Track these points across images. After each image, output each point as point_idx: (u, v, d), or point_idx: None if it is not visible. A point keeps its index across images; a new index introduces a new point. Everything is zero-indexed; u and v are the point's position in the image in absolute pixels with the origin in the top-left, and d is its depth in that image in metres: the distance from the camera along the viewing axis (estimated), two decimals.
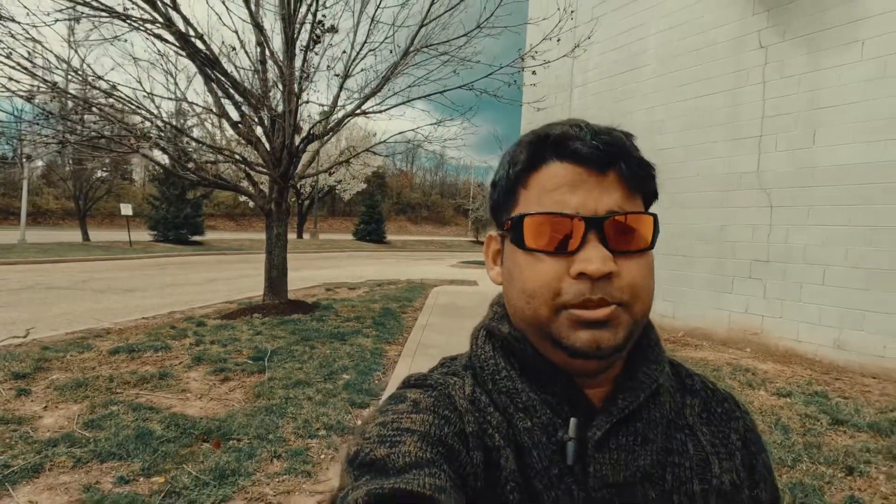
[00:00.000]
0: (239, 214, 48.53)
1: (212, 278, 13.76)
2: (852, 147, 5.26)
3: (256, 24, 6.62)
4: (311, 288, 11.03)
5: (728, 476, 0.56)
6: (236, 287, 11.81)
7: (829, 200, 5.44)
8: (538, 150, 0.53)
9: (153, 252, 20.18)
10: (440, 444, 0.47)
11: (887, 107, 5.01)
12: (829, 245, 5.43)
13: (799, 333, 5.64)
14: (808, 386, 4.52)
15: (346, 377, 4.69)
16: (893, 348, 4.90)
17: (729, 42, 6.45)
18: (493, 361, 0.56)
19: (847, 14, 5.34)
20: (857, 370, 5.07)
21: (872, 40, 5.15)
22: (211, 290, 11.45)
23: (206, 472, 3.01)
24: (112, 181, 25.82)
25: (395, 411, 0.51)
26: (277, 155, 6.57)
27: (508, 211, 0.55)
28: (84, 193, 23.69)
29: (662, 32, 7.26)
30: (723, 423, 0.61)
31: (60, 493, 2.81)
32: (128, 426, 3.51)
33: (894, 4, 4.99)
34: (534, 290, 0.51)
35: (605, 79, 8.12)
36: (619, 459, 0.51)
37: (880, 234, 5.04)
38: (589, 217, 0.49)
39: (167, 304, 8.82)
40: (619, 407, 0.52)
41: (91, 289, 11.09)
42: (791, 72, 5.80)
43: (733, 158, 6.28)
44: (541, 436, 0.51)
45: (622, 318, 0.49)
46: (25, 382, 4.25)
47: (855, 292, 5.22)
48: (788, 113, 5.80)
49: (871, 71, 5.15)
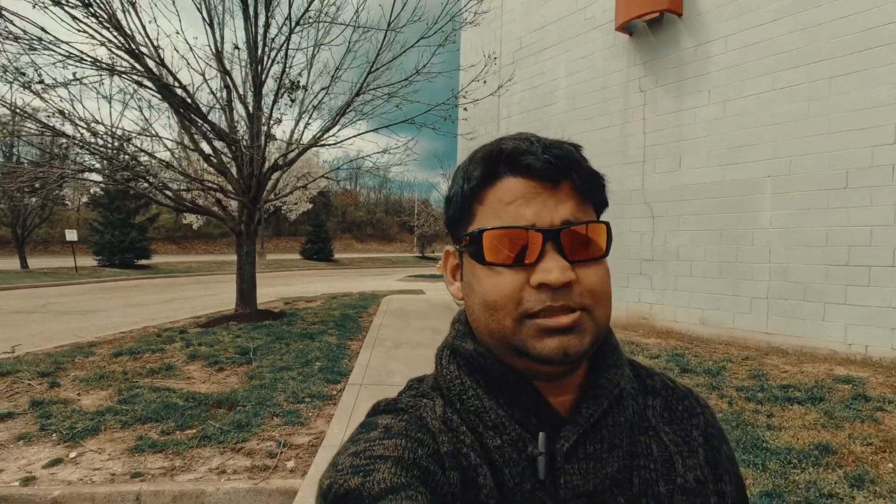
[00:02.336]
0: (181, 237, 47.69)
1: (170, 299, 14.29)
2: (706, 170, 6.89)
3: (225, 72, 7.67)
4: (270, 302, 11.87)
5: (692, 473, 0.58)
6: (197, 305, 12.46)
7: (692, 211, 7.04)
8: (491, 165, 0.53)
9: (101, 276, 20.23)
10: (415, 466, 0.47)
11: (727, 140, 6.66)
12: (694, 245, 7.02)
13: (676, 315, 7.19)
14: (673, 351, 6.01)
15: (319, 364, 5.79)
16: (738, 321, 6.49)
17: (619, 86, 8.05)
18: (459, 381, 0.56)
19: (698, 69, 7.01)
20: (715, 339, 6.64)
21: (716, 89, 6.82)
22: (173, 308, 12.08)
23: (226, 425, 4.07)
24: (52, 208, 25.37)
25: (366, 439, 0.50)
26: (247, 183, 7.61)
27: (465, 226, 0.56)
28: (22, 221, 23.32)
29: (570, 76, 8.82)
30: (684, 420, 0.63)
31: (119, 444, 3.81)
32: (154, 401, 4.50)
33: (727, 63, 6.66)
34: (496, 303, 0.51)
35: (526, 112, 9.62)
36: (588, 468, 0.52)
37: (726, 235, 6.66)
38: (545, 229, 0.50)
39: (134, 321, 9.47)
40: (585, 416, 0.53)
41: (54, 311, 11.51)
42: (663, 111, 7.43)
43: (625, 179, 7.85)
44: (511, 452, 0.52)
45: (587, 323, 0.51)
46: (52, 378, 5.12)
47: (713, 281, 6.81)
48: (662, 143, 7.41)
49: (715, 112, 6.81)
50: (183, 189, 7.90)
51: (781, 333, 6.10)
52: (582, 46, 8.57)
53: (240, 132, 8.00)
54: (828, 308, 5.73)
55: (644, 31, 7.57)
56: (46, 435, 3.90)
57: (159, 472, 3.44)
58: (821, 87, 5.80)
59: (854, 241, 5.53)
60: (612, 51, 8.09)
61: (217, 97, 7.87)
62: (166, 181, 7.50)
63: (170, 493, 3.23)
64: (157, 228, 47.50)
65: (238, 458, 3.65)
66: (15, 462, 3.52)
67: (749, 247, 6.41)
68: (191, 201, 7.81)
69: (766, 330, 6.23)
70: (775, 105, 6.17)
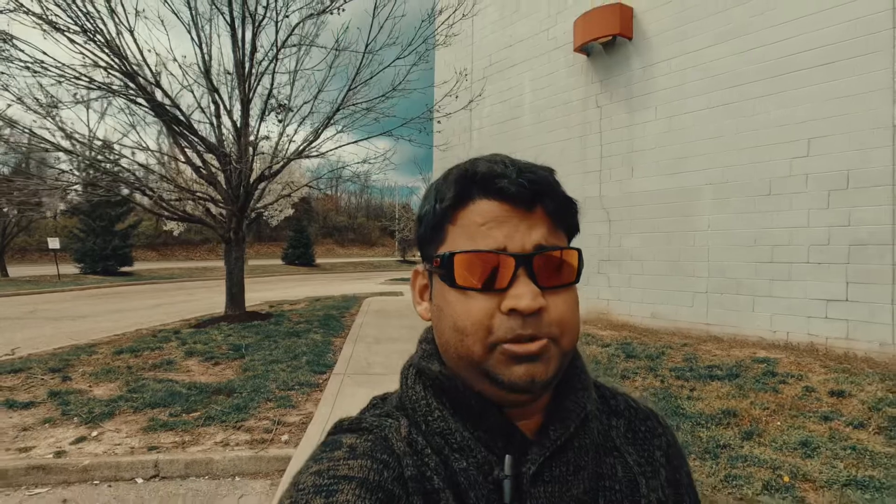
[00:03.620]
0: (161, 244, 47.53)
1: (156, 304, 14.68)
2: (654, 178, 7.65)
3: (213, 89, 8.23)
4: (256, 306, 12.36)
5: (655, 494, 0.59)
6: (184, 309, 12.89)
7: (643, 215, 7.80)
8: (465, 187, 0.53)
9: (84, 284, 20.43)
10: (379, 490, 0.46)
11: (672, 151, 7.43)
12: (645, 246, 7.78)
13: (630, 309, 7.94)
14: (623, 341, 6.73)
15: (306, 358, 6.38)
16: (683, 314, 7.26)
17: (579, 101, 8.80)
18: (425, 402, 0.56)
19: (646, 87, 7.78)
20: (663, 331, 7.39)
21: (662, 106, 7.59)
22: (161, 313, 12.50)
23: (226, 408, 4.66)
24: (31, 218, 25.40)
25: (330, 458, 0.50)
26: (236, 192, 8.18)
27: (436, 246, 0.56)
28: (1, 230, 23.39)
29: (535, 91, 9.56)
30: (647, 441, 0.63)
31: (133, 425, 4.38)
32: (159, 390, 5.06)
33: (670, 83, 7.44)
34: (465, 328, 0.51)
35: (496, 124, 10.34)
36: (554, 491, 0.52)
37: (672, 237, 7.43)
38: (518, 254, 0.50)
39: (124, 326, 9.90)
40: (552, 439, 0.53)
41: (43, 317, 11.86)
42: (617, 125, 8.19)
43: (584, 186, 8.59)
44: (477, 475, 0.51)
45: (553, 351, 0.51)
46: (63, 373, 5.64)
47: (661, 278, 7.57)
48: (616, 154, 8.17)
49: (662, 126, 7.58)
50: (175, 199, 8.43)
51: (719, 324, 6.87)
52: (546, 65, 9.31)
53: (227, 146, 8.56)
54: (756, 300, 6.51)
55: (600, 52, 8.34)
56: (68, 419, 4.46)
57: (172, 445, 4.03)
58: (749, 106, 6.59)
59: (777, 241, 6.32)
60: (573, 69, 8.85)
61: (206, 112, 8.43)
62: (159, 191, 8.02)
63: (183, 461, 3.83)
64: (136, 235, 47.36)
65: (239, 434, 4.25)
66: (45, 440, 4.07)
67: (691, 247, 7.19)
68: (182, 210, 8.35)
69: (707, 321, 7.00)
70: (711, 121, 6.96)
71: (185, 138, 8.01)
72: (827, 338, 5.89)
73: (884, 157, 5.48)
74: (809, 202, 6.05)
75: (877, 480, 3.01)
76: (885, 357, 5.39)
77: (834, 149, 5.85)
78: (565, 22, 8.83)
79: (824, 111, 5.92)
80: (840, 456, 3.35)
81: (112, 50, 6.87)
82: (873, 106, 5.55)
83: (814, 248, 6.00)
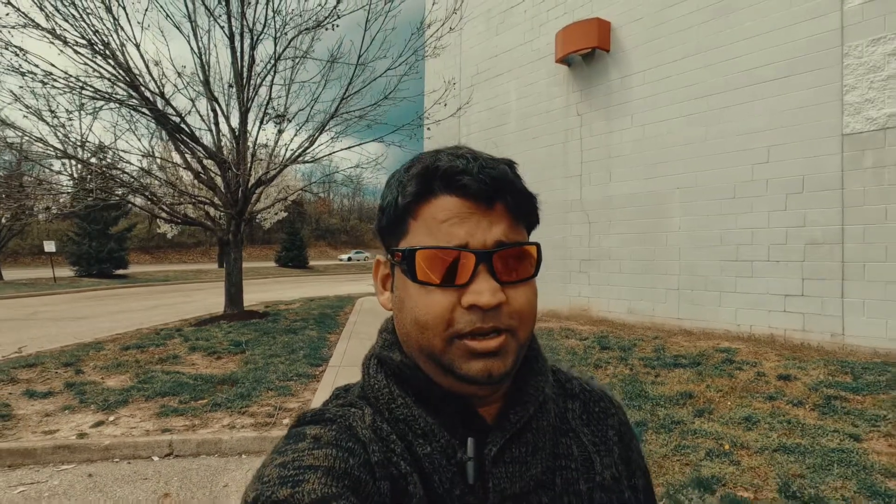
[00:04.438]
0: (154, 247, 47.67)
1: (154, 305, 15.01)
2: (630, 182, 8.14)
3: (212, 98, 8.64)
4: (251, 306, 12.72)
5: (609, 471, 0.62)
6: (182, 311, 13.22)
7: (620, 217, 8.29)
8: (427, 182, 0.54)
9: (80, 286, 20.70)
10: (346, 476, 0.47)
11: (646, 157, 7.92)
12: (623, 247, 8.26)
13: (609, 306, 8.42)
14: (600, 334, 7.20)
15: (303, 352, 6.80)
16: (657, 309, 7.74)
17: (560, 109, 9.28)
18: (388, 390, 0.57)
19: (623, 97, 8.27)
20: (638, 325, 7.87)
21: (637, 114, 8.08)
22: (159, 313, 12.84)
23: (231, 396, 5.08)
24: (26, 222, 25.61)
25: (294, 450, 0.50)
26: (235, 197, 8.59)
27: (398, 239, 0.56)
28: None
29: (519, 100, 10.04)
30: (601, 421, 0.67)
31: (146, 411, 4.79)
32: (168, 381, 5.47)
33: (645, 94, 7.94)
34: (426, 322, 0.52)
35: (483, 131, 10.80)
36: (515, 471, 0.54)
37: (647, 237, 7.91)
38: (478, 250, 0.51)
39: (125, 326, 10.22)
40: (512, 422, 0.56)
41: (45, 318, 12.18)
42: (596, 132, 8.67)
43: (566, 190, 9.06)
44: (441, 459, 0.53)
45: (511, 345, 0.53)
46: (75, 367, 6.03)
47: (638, 276, 8.05)
48: (596, 160, 8.65)
49: (637, 134, 8.07)
50: (176, 203, 8.83)
51: (689, 318, 7.36)
52: (529, 74, 9.79)
53: (225, 152, 8.97)
54: (723, 296, 7.00)
55: (580, 63, 8.82)
56: (86, 406, 4.86)
57: (183, 428, 4.44)
58: (715, 115, 7.09)
59: (741, 240, 6.81)
60: (555, 79, 9.33)
61: (206, 120, 8.84)
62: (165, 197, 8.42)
63: (194, 441, 4.25)
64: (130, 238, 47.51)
65: (244, 418, 4.67)
66: (67, 424, 4.48)
67: (664, 247, 7.67)
68: (184, 214, 8.75)
69: (678, 316, 7.49)
70: (682, 129, 7.45)
71: (186, 145, 8.41)
72: (785, 329, 6.38)
73: (834, 163, 5.99)
74: (769, 205, 6.55)
75: (802, 446, 3.48)
76: (835, 346, 5.89)
77: (790, 156, 6.35)
78: (547, 34, 9.32)
79: (781, 121, 6.42)
80: (776, 428, 3.82)
81: (117, 62, 7.27)
82: (824, 117, 6.05)
83: (773, 247, 6.50)
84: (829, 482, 3.05)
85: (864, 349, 5.67)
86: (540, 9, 9.60)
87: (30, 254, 38.76)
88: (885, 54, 5.62)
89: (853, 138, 5.85)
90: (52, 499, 3.48)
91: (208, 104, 8.80)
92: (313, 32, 8.03)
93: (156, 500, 3.47)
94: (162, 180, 8.26)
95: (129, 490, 3.61)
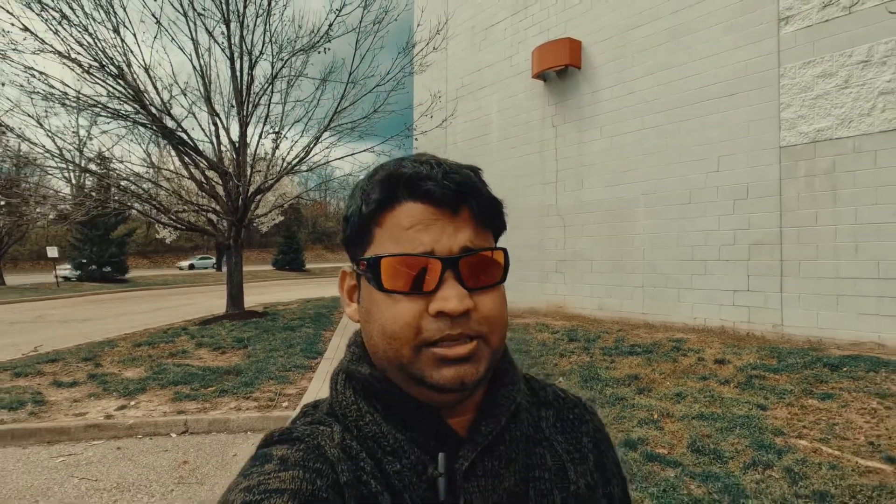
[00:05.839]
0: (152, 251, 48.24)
1: (156, 308, 15.63)
2: (600, 189, 8.85)
3: (213, 112, 9.31)
4: (251, 307, 13.39)
5: (584, 480, 0.61)
6: (184, 312, 13.83)
7: (592, 221, 8.99)
8: (391, 189, 0.53)
9: (82, 291, 21.30)
10: (313, 499, 0.46)
11: (614, 166, 8.63)
12: (594, 248, 8.97)
13: (582, 303, 9.12)
14: (570, 328, 7.90)
15: (300, 346, 7.48)
16: (625, 305, 8.45)
17: (538, 121, 9.98)
18: (356, 406, 0.56)
19: (593, 111, 8.98)
20: (608, 320, 8.57)
21: (605, 126, 8.79)
22: (162, 315, 13.47)
23: (236, 384, 5.75)
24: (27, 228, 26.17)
25: (260, 472, 0.49)
26: (235, 205, 9.26)
27: (363, 248, 0.56)
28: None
29: (500, 111, 10.74)
30: (574, 428, 0.66)
31: (162, 397, 5.45)
32: (179, 372, 6.14)
33: (612, 108, 8.65)
34: (394, 332, 0.52)
35: (467, 140, 11.51)
36: (487, 485, 0.53)
37: (615, 240, 8.62)
38: (444, 257, 0.51)
39: (130, 327, 10.79)
40: (483, 434, 0.55)
41: (53, 320, 12.81)
42: (569, 142, 9.38)
43: (543, 196, 9.77)
44: (411, 476, 0.52)
45: (483, 351, 0.52)
46: (94, 362, 6.69)
47: (607, 275, 8.75)
48: (569, 168, 9.36)
49: (606, 144, 8.78)
50: (181, 210, 9.51)
51: (653, 313, 8.06)
52: (509, 88, 10.50)
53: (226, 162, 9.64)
54: (681, 292, 7.71)
55: (554, 79, 9.53)
56: (108, 393, 5.53)
57: (196, 410, 5.12)
58: (674, 128, 7.81)
59: (696, 241, 7.52)
60: (532, 93, 10.04)
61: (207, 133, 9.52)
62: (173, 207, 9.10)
63: (206, 420, 4.92)
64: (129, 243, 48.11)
65: (248, 402, 5.35)
66: (94, 408, 5.14)
67: (630, 248, 8.38)
68: (187, 221, 9.42)
69: (643, 311, 8.20)
70: (645, 140, 8.16)
71: (190, 157, 9.08)
72: (734, 322, 7.09)
73: (773, 173, 6.71)
74: (719, 209, 7.26)
75: (716, 414, 4.18)
76: (775, 335, 6.61)
77: (737, 165, 7.07)
78: (525, 51, 10.03)
79: (730, 134, 7.14)
80: (700, 401, 4.52)
81: (127, 83, 7.94)
82: (765, 131, 6.77)
83: (723, 248, 7.21)
84: (729, 440, 3.75)
85: (799, 338, 6.38)
86: (518, 27, 10.32)
87: (29, 259, 39.29)
88: (814, 76, 6.34)
89: (789, 150, 6.57)
90: (90, 466, 4.15)
91: (210, 118, 9.48)
92: (306, 55, 8.72)
93: (176, 466, 4.15)
94: (169, 191, 8.94)
95: (152, 459, 4.28)
